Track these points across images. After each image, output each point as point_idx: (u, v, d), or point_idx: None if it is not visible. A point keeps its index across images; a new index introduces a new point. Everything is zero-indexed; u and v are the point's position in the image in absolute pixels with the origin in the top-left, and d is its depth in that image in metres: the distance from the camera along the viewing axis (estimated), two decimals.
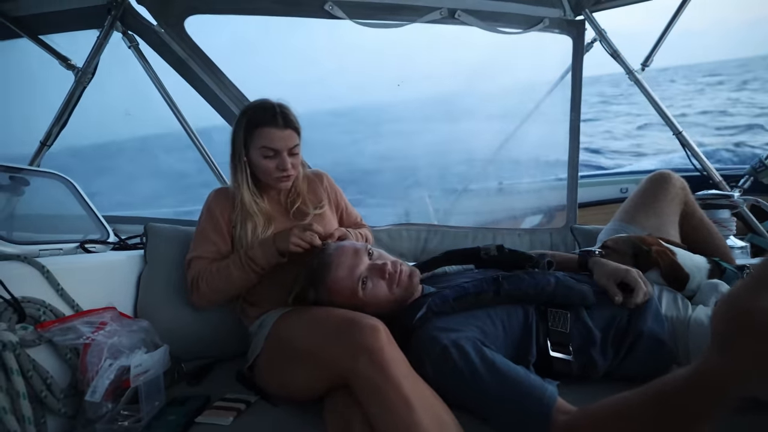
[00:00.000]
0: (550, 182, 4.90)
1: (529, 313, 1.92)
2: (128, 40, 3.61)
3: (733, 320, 0.90)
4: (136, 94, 4.59)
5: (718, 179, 3.98)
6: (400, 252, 3.64)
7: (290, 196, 2.56)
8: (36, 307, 1.94)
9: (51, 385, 1.81)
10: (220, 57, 3.64)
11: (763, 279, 0.87)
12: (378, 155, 12.94)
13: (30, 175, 2.93)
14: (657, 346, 1.87)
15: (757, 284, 0.87)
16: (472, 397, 1.65)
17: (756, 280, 0.88)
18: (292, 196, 2.56)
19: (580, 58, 3.94)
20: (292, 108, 2.41)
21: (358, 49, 44.72)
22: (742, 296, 0.89)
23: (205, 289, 2.31)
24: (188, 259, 2.43)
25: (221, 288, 2.31)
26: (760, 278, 0.88)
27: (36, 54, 3.75)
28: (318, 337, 1.81)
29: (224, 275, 2.29)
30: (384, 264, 2.02)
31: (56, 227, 2.99)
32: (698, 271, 2.18)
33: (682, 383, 1.05)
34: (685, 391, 1.04)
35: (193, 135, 3.94)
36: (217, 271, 2.30)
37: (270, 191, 2.51)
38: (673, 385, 1.08)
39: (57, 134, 3.73)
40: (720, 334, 0.94)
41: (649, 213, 2.59)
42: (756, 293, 0.86)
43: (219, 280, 2.29)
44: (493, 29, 3.83)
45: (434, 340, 1.75)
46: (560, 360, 1.84)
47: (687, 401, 1.04)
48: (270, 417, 1.88)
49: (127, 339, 2.02)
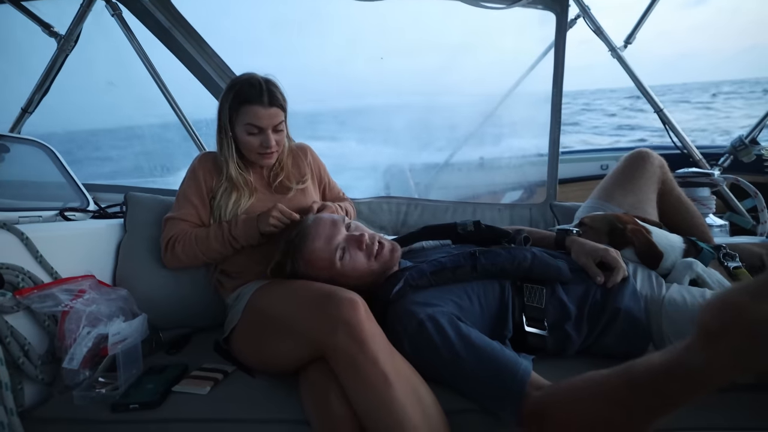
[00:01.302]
0: (531, 158, 4.90)
1: (506, 288, 1.93)
2: (111, 8, 3.59)
3: (723, 319, 0.92)
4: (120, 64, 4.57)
5: (698, 157, 3.99)
6: (380, 225, 3.65)
7: (273, 169, 2.56)
8: (14, 273, 1.94)
9: (29, 352, 1.82)
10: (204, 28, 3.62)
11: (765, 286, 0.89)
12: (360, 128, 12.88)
13: (10, 141, 2.92)
14: (633, 323, 1.89)
15: (759, 290, 0.89)
16: (448, 372, 1.65)
17: (758, 286, 0.89)
18: (276, 169, 2.56)
19: (564, 35, 3.92)
20: (279, 83, 2.40)
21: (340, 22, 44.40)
22: (739, 298, 0.90)
23: (180, 253, 2.34)
24: (166, 218, 2.44)
25: (197, 255, 2.34)
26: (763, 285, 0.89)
27: (18, 20, 3.72)
28: (295, 310, 1.82)
29: (203, 245, 2.31)
30: (361, 235, 2.04)
31: (36, 194, 2.99)
32: (673, 250, 2.20)
33: (658, 369, 1.07)
34: (661, 377, 1.06)
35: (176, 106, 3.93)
36: (196, 239, 2.32)
37: (254, 164, 2.51)
38: (649, 370, 1.10)
39: (38, 101, 3.73)
40: (705, 328, 0.95)
41: (626, 191, 2.60)
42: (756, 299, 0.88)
43: (197, 249, 2.32)
44: (477, 4, 3.82)
45: (411, 314, 1.76)
46: (535, 335, 1.85)
47: (662, 387, 1.05)
48: (247, 387, 1.89)
49: (106, 307, 2.03)
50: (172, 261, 2.39)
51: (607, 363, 1.24)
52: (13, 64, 4.89)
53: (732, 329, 0.90)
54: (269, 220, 2.22)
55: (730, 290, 0.93)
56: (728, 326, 0.90)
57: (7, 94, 4.57)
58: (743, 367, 0.92)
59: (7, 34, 4.41)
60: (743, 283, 0.93)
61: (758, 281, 0.90)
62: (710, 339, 0.94)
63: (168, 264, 2.42)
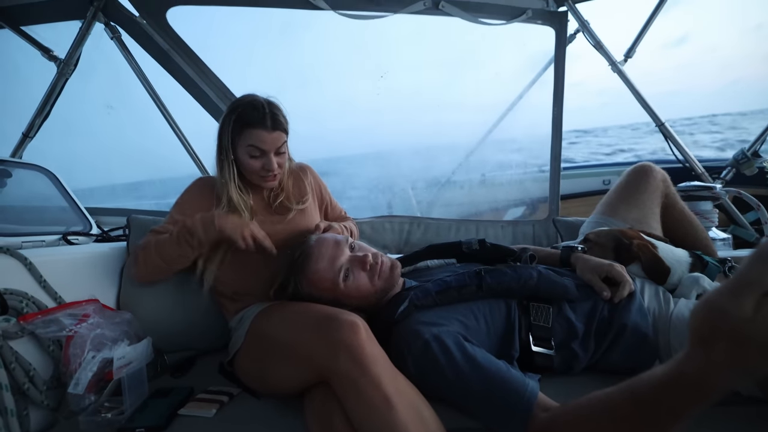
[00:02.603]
0: (533, 174, 4.90)
1: (512, 307, 1.92)
2: (110, 31, 3.60)
3: (711, 322, 0.92)
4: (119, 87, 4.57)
5: (700, 171, 4.00)
6: (383, 244, 3.64)
7: (274, 190, 2.55)
8: (18, 299, 1.93)
9: (34, 378, 1.81)
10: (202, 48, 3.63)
11: (741, 283, 0.88)
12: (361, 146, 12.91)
13: (12, 166, 2.92)
14: (641, 339, 1.88)
15: (736, 288, 0.88)
16: (453, 392, 1.65)
17: (734, 284, 0.89)
18: (276, 190, 2.55)
19: (563, 50, 3.95)
20: (281, 105, 2.38)
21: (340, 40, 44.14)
22: (720, 299, 0.90)
23: (141, 260, 2.27)
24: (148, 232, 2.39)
25: (155, 263, 2.26)
26: (738, 282, 0.89)
27: (18, 45, 3.73)
28: (297, 333, 1.81)
29: (160, 247, 2.24)
30: (365, 256, 2.02)
31: (39, 219, 2.98)
32: (679, 265, 2.19)
33: (660, 381, 1.07)
34: (663, 390, 1.05)
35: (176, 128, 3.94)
36: (155, 243, 2.25)
37: (255, 186, 2.49)
38: (651, 384, 1.10)
39: (39, 126, 3.73)
40: (697, 334, 0.95)
41: (630, 205, 2.60)
42: (734, 297, 0.88)
43: (155, 253, 2.24)
44: (476, 20, 3.84)
45: (416, 334, 1.76)
46: (542, 355, 1.85)
47: (666, 399, 1.05)
48: (253, 409, 1.88)
49: (110, 331, 2.02)
50: (137, 273, 2.32)
51: (614, 380, 1.24)
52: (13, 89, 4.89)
53: (717, 332, 0.91)
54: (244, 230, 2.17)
55: (711, 293, 0.94)
56: (714, 329, 0.91)
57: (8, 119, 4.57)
58: (740, 370, 0.91)
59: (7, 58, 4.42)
60: (721, 285, 0.93)
61: (734, 279, 0.90)
62: (703, 344, 0.95)
63: (135, 276, 2.35)
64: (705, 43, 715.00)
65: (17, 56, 4.05)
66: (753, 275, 0.87)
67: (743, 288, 0.87)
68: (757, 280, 0.86)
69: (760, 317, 0.85)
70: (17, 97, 4.71)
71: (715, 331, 0.91)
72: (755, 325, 0.85)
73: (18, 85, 4.67)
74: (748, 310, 0.85)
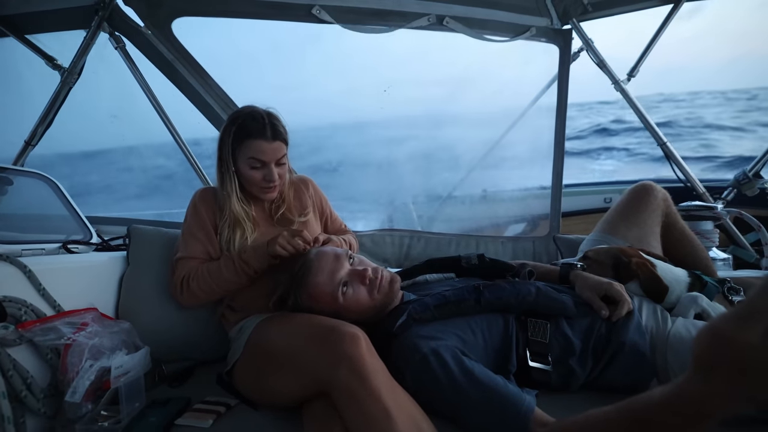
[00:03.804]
0: (534, 191, 4.91)
1: (509, 322, 1.93)
2: (115, 41, 3.61)
3: (715, 348, 0.91)
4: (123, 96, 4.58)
5: (701, 191, 4.00)
6: (383, 257, 3.65)
7: (275, 202, 2.56)
8: (17, 306, 1.93)
9: (31, 385, 1.81)
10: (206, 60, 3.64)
11: (750, 311, 0.88)
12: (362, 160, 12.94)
13: (14, 174, 2.92)
14: (638, 357, 1.89)
15: (744, 315, 0.88)
16: (451, 406, 1.65)
17: (742, 311, 0.89)
18: (277, 202, 2.56)
19: (567, 67, 3.96)
20: (281, 117, 2.41)
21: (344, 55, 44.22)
22: (726, 325, 0.90)
23: (196, 290, 2.31)
24: (176, 258, 2.42)
25: (212, 289, 2.32)
26: (747, 309, 0.88)
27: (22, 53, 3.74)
28: (297, 344, 1.81)
29: (216, 277, 2.29)
30: (365, 270, 2.02)
31: (39, 227, 2.98)
32: (678, 284, 2.19)
33: (659, 403, 1.06)
34: (662, 411, 1.05)
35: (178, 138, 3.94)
36: (209, 272, 2.30)
37: (256, 198, 2.51)
38: (650, 405, 1.10)
39: (42, 134, 3.72)
40: (700, 359, 0.95)
41: (630, 224, 2.60)
42: (742, 324, 0.87)
43: (211, 282, 2.30)
44: (480, 37, 3.84)
45: (414, 348, 1.76)
46: (539, 370, 1.85)
47: (666, 420, 1.05)
48: (250, 421, 1.88)
49: (108, 340, 2.02)
50: (189, 299, 2.37)
51: (611, 397, 1.24)
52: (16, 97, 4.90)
53: (722, 358, 0.90)
54: (278, 239, 2.21)
55: (716, 319, 0.93)
56: (719, 355, 0.91)
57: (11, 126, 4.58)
58: (742, 396, 0.91)
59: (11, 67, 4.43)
60: (729, 310, 0.93)
61: (741, 306, 0.90)
62: (705, 370, 0.94)
63: (185, 303, 2.40)
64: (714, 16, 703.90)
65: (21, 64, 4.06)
66: (762, 303, 0.87)
67: (752, 315, 0.87)
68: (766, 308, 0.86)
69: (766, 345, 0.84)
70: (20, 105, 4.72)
71: (718, 356, 0.91)
72: (761, 353, 0.85)
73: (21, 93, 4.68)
74: (755, 338, 0.85)
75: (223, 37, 19.58)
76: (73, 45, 3.59)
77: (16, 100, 4.92)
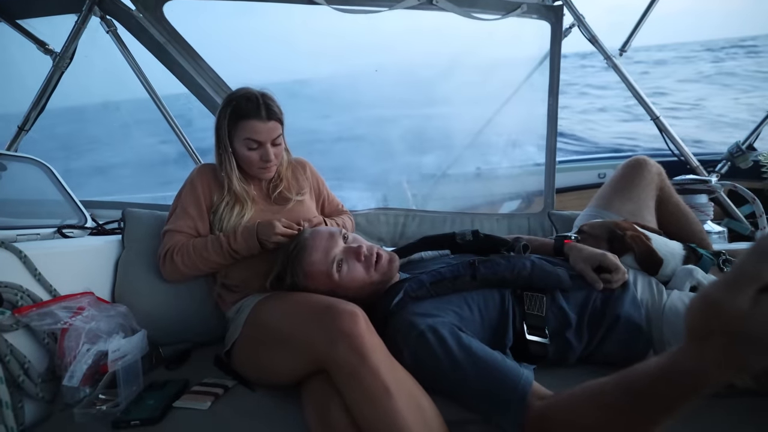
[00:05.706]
0: (528, 167, 4.91)
1: (506, 297, 1.93)
2: (106, 25, 3.60)
3: (706, 316, 0.91)
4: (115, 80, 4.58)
5: (695, 164, 3.99)
6: (378, 236, 3.66)
7: (273, 181, 2.58)
8: (13, 291, 1.93)
9: (28, 370, 1.81)
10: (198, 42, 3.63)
11: (738, 277, 0.87)
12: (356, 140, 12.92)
13: (7, 159, 2.92)
14: (634, 330, 1.89)
15: (732, 282, 0.87)
16: (449, 382, 1.65)
17: (731, 278, 0.88)
18: (275, 181, 2.58)
19: (559, 44, 3.94)
20: (274, 96, 2.42)
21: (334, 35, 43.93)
22: (716, 293, 0.89)
23: (179, 263, 2.33)
24: (164, 231, 2.45)
25: (196, 266, 2.34)
26: (735, 276, 0.88)
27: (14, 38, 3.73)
28: (296, 322, 1.82)
29: (202, 257, 2.31)
30: (359, 246, 2.04)
31: (34, 212, 2.98)
32: (673, 257, 2.20)
33: (654, 374, 1.07)
34: (657, 382, 1.05)
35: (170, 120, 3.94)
36: (194, 250, 2.32)
37: (254, 177, 2.53)
38: (646, 375, 1.10)
39: (35, 119, 3.71)
40: (693, 328, 0.95)
41: (625, 198, 2.60)
42: (730, 291, 0.87)
43: (196, 260, 2.32)
44: (470, 15, 3.82)
45: (411, 325, 1.76)
46: (536, 343, 1.85)
47: (659, 391, 1.05)
48: (248, 401, 1.89)
49: (105, 324, 2.03)
50: (171, 272, 2.38)
51: (608, 371, 1.24)
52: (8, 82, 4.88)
53: (715, 327, 0.90)
54: (272, 238, 2.23)
55: (707, 287, 0.92)
56: (711, 324, 0.90)
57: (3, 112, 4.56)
58: (736, 365, 0.91)
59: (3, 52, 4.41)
60: (718, 279, 0.92)
61: (729, 273, 0.89)
62: (698, 339, 0.94)
63: (167, 275, 2.41)
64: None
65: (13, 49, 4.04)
66: (750, 269, 0.86)
67: (740, 282, 0.86)
68: (755, 274, 0.85)
69: (756, 312, 0.84)
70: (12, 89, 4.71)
71: (710, 325, 0.90)
72: (751, 320, 0.84)
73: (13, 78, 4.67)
74: (745, 305, 0.84)
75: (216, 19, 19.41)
76: (65, 29, 3.58)
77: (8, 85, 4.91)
